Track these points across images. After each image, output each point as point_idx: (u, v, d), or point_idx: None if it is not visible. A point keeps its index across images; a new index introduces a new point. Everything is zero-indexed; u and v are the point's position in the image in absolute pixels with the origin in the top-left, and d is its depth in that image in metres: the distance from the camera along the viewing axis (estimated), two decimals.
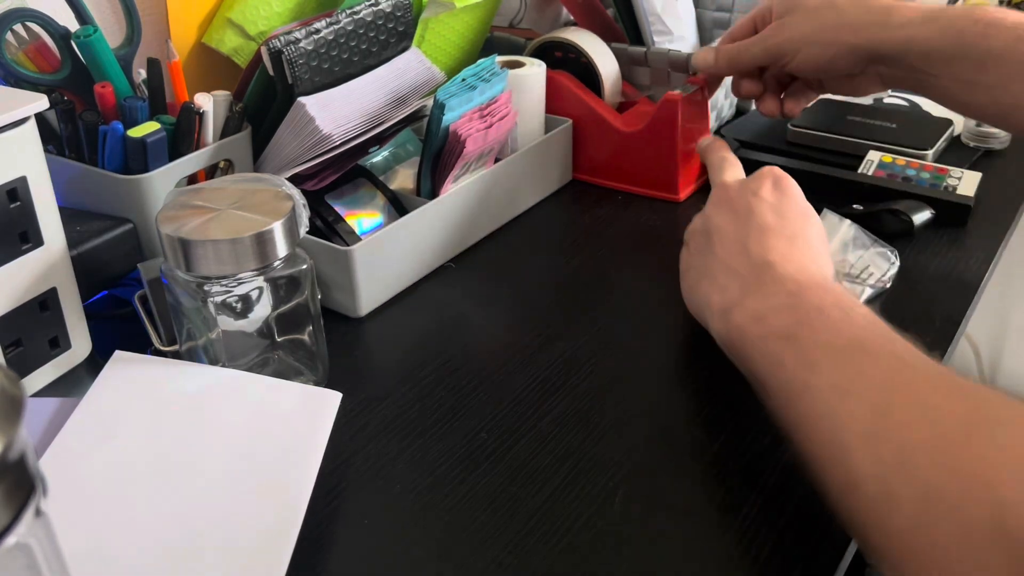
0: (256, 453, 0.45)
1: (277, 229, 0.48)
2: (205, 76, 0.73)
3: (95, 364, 0.54)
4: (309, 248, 0.51)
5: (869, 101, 0.93)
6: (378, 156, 0.73)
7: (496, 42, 0.87)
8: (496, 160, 0.73)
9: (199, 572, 0.39)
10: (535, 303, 0.64)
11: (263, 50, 0.60)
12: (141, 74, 0.63)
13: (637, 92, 0.84)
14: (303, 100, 0.61)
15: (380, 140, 0.69)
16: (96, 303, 0.60)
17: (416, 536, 0.45)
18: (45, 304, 0.51)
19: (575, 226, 0.75)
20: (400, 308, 0.64)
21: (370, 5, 0.64)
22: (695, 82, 0.72)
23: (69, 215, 0.54)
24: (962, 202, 0.71)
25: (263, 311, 0.51)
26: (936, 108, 0.90)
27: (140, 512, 0.42)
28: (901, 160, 0.78)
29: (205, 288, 0.48)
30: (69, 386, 0.54)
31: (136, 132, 0.57)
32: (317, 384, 0.53)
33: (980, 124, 0.86)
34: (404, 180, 0.71)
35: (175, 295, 0.50)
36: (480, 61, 0.67)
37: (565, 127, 0.79)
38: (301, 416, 0.47)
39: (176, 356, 0.53)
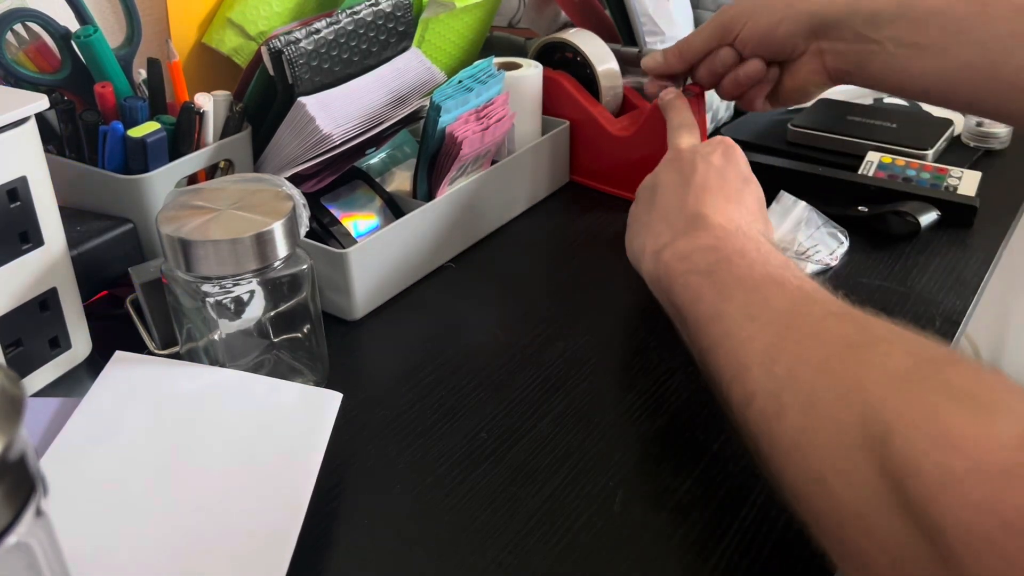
0: (256, 453, 0.45)
1: (277, 229, 0.48)
2: (205, 76, 0.73)
3: (95, 364, 0.54)
4: (305, 251, 0.51)
5: (869, 101, 0.93)
6: (375, 158, 0.73)
7: (496, 42, 0.87)
8: (493, 162, 0.73)
9: (199, 572, 0.39)
10: (534, 304, 0.65)
11: (263, 50, 0.60)
12: (141, 74, 0.63)
13: (638, 95, 0.84)
14: (303, 100, 0.61)
15: (378, 141, 0.69)
16: (96, 303, 0.60)
17: (416, 536, 0.45)
18: (45, 304, 0.52)
19: (573, 228, 0.75)
20: (399, 309, 0.64)
21: (370, 5, 0.64)
22: (693, 89, 0.72)
23: (69, 215, 0.54)
24: (968, 203, 0.71)
25: (255, 312, 0.51)
26: (936, 108, 0.90)
27: (140, 512, 0.42)
28: (901, 161, 0.78)
29: (204, 289, 0.48)
30: (69, 386, 0.54)
31: (136, 132, 0.57)
32: (317, 384, 0.53)
33: (980, 123, 0.86)
34: (401, 182, 0.71)
35: (175, 296, 0.50)
36: (477, 63, 0.67)
37: (562, 129, 0.78)
38: (301, 416, 0.47)
39: (176, 357, 0.53)
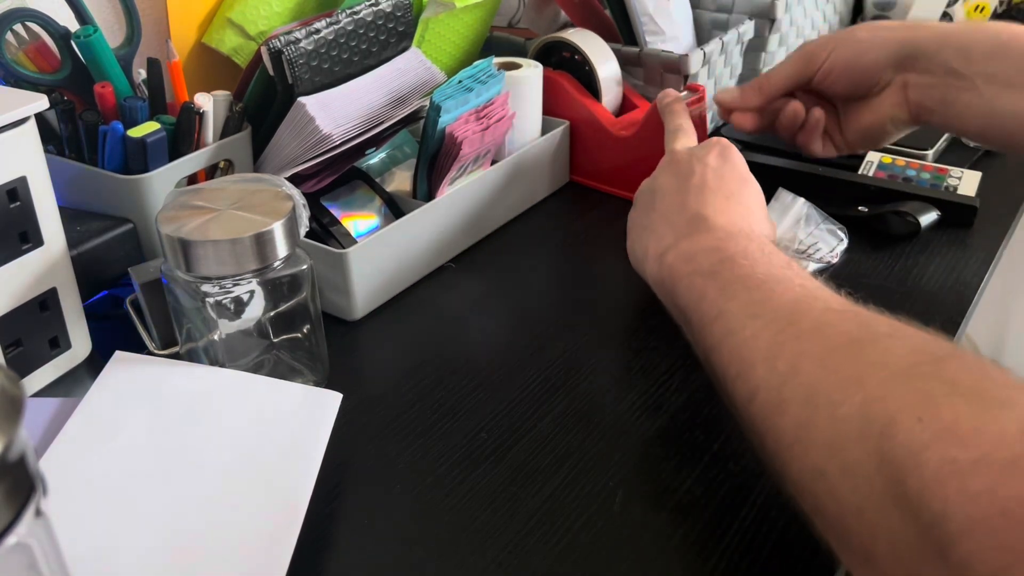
0: (256, 453, 0.45)
1: (277, 229, 0.48)
2: (205, 76, 0.73)
3: (95, 364, 0.54)
4: (305, 251, 0.51)
5: None
6: (375, 158, 0.73)
7: (495, 42, 0.86)
8: (493, 162, 0.72)
9: (199, 572, 0.39)
10: (534, 304, 0.64)
11: (263, 50, 0.60)
12: (141, 74, 0.63)
13: (638, 95, 0.84)
14: (303, 100, 0.61)
15: (377, 142, 0.69)
16: (96, 303, 0.60)
17: (416, 536, 0.45)
18: (45, 304, 0.51)
19: (573, 228, 0.75)
20: (399, 309, 0.64)
21: (370, 5, 0.64)
22: (694, 88, 0.72)
23: (69, 215, 0.54)
24: (968, 203, 0.71)
25: (255, 312, 0.51)
26: None
27: (140, 512, 0.42)
28: (901, 160, 0.78)
29: (204, 289, 0.48)
30: (69, 386, 0.54)
31: (136, 132, 0.57)
32: (317, 384, 0.53)
33: None
34: (401, 182, 0.71)
35: (175, 296, 0.50)
36: (477, 63, 0.67)
37: (562, 129, 0.78)
38: (301, 416, 0.47)
39: (176, 357, 0.53)
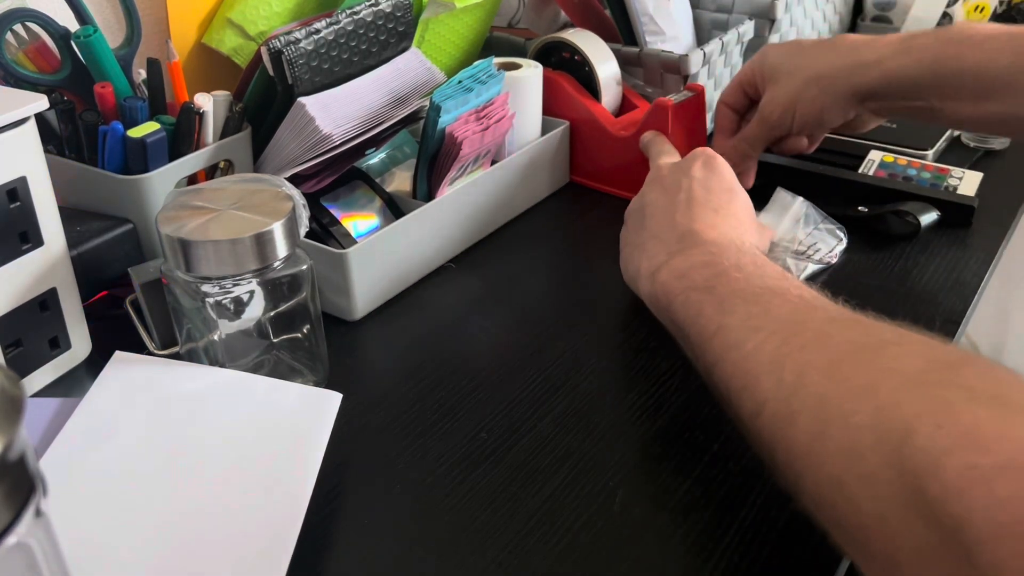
0: (256, 453, 0.45)
1: (277, 230, 0.48)
2: (205, 76, 0.73)
3: (95, 364, 0.54)
4: (304, 251, 0.51)
5: None
6: (375, 158, 0.73)
7: (495, 42, 0.86)
8: (493, 162, 0.72)
9: (199, 572, 0.39)
10: (534, 304, 0.64)
11: (263, 50, 0.60)
12: (141, 74, 0.63)
13: (638, 95, 0.84)
14: (303, 100, 0.61)
15: (377, 142, 0.69)
16: (96, 303, 0.60)
17: (416, 536, 0.45)
18: (45, 304, 0.52)
19: (573, 228, 0.75)
20: (399, 309, 0.64)
21: (370, 5, 0.64)
22: (693, 88, 0.72)
23: (69, 215, 0.54)
24: (966, 203, 0.71)
25: (255, 312, 0.51)
26: None
27: (140, 512, 0.42)
28: (902, 160, 0.78)
29: (204, 289, 0.48)
30: (69, 386, 0.54)
31: (136, 132, 0.57)
32: (317, 385, 0.53)
33: None
34: (401, 182, 0.71)
35: (175, 296, 0.50)
36: (477, 63, 0.67)
37: (562, 129, 0.78)
38: (301, 416, 0.47)
39: (176, 357, 0.53)
